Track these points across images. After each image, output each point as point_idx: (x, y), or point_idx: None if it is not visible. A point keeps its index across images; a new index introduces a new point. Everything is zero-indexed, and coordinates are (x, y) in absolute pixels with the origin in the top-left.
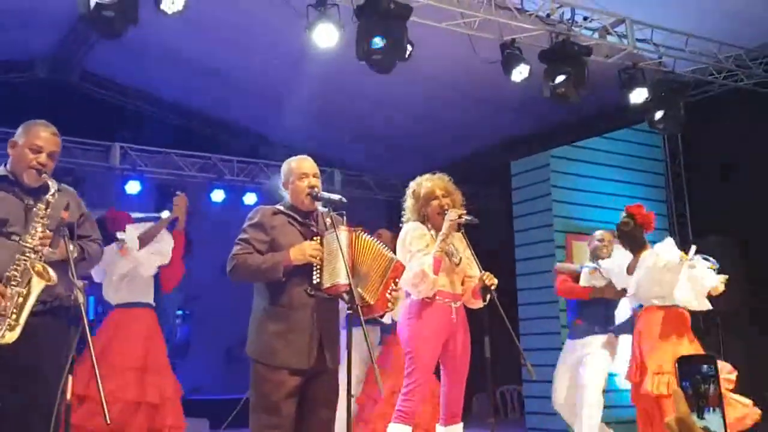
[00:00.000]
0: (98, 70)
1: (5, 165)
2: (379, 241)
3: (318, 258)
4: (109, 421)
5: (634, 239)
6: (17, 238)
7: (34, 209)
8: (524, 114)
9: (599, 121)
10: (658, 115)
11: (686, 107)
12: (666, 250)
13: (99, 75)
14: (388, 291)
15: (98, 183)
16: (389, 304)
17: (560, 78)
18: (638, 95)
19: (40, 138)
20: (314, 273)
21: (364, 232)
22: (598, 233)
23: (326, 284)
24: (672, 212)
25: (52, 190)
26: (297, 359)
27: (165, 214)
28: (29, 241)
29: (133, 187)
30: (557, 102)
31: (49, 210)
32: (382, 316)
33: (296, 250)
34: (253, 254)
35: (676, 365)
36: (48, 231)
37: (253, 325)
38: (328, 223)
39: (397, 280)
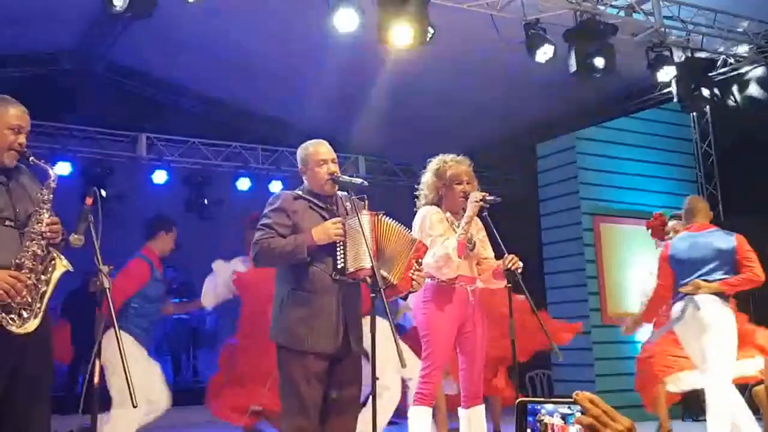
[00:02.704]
0: (123, 60)
1: None
2: (400, 224)
3: (341, 237)
4: (137, 405)
5: None
6: (11, 224)
7: (38, 194)
8: (549, 95)
9: (626, 101)
10: (687, 93)
11: (716, 85)
12: None
13: (124, 66)
14: (411, 271)
15: (126, 173)
16: (413, 284)
17: (586, 58)
18: (666, 73)
19: (19, 117)
20: (338, 257)
21: (386, 216)
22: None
23: (350, 268)
24: (702, 192)
25: (52, 176)
26: (322, 343)
27: None
28: (37, 227)
29: (159, 176)
30: (584, 82)
31: (51, 195)
32: (405, 297)
33: (319, 231)
34: (275, 238)
35: None
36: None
37: (276, 310)
38: (348, 208)
39: (420, 260)
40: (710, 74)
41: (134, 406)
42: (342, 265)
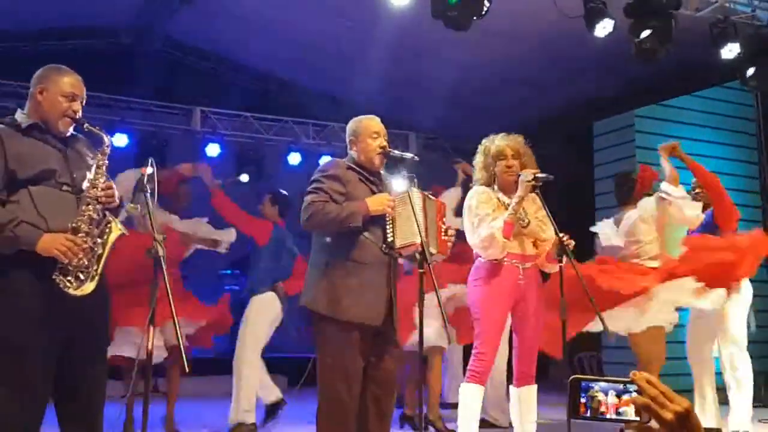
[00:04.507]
0: (180, 36)
1: (23, 111)
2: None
3: (393, 212)
4: (188, 369)
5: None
6: (68, 189)
7: (94, 160)
8: (607, 72)
9: (687, 79)
10: (751, 72)
11: None
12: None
13: (180, 41)
14: (442, 233)
15: (180, 145)
16: (448, 244)
17: (647, 33)
18: (730, 51)
19: (73, 85)
20: (388, 231)
21: (432, 195)
22: None
23: (399, 244)
24: (764, 174)
25: (107, 141)
26: (368, 315)
27: None
28: (92, 191)
29: (213, 149)
30: (643, 59)
31: (106, 161)
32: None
33: (374, 201)
34: (329, 202)
35: None
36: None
37: (315, 279)
38: (391, 185)
39: (444, 219)
40: None
41: (187, 371)
42: (392, 239)
